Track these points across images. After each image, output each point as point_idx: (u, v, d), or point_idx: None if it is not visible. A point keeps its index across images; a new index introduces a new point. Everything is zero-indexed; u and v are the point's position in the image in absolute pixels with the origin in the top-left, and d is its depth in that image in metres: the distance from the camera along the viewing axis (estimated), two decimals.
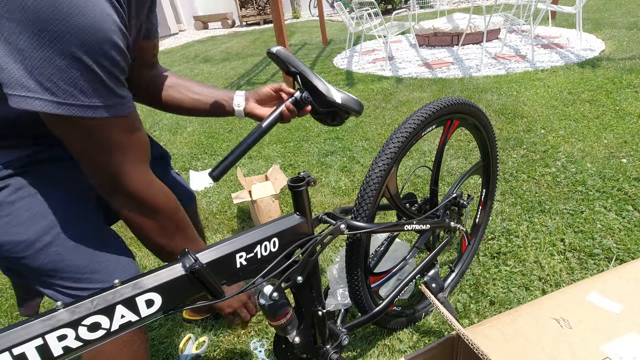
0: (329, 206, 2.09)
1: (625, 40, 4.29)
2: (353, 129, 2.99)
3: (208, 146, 3.10)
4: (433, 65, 4.47)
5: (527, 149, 2.33)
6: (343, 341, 0.95)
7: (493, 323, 0.95)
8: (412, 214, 1.12)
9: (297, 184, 0.76)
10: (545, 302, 1.00)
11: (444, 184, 2.10)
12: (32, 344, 0.48)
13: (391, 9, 9.29)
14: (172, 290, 0.60)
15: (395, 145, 0.96)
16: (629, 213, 1.66)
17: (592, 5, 6.78)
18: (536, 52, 4.35)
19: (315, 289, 0.87)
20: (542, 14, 4.23)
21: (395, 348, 1.24)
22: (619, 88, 2.99)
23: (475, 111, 1.15)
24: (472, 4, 6.67)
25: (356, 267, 1.03)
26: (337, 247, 1.75)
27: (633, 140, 2.23)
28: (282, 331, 0.82)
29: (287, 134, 3.09)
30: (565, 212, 1.74)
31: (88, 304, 0.53)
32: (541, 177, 2.03)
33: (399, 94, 3.65)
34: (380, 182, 0.96)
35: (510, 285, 1.40)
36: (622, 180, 1.88)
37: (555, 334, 0.89)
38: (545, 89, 3.22)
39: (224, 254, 0.66)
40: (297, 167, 2.56)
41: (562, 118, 2.65)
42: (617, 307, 0.93)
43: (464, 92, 3.43)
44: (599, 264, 1.44)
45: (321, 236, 0.80)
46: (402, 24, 5.28)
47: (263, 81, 4.90)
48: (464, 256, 1.46)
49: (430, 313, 1.34)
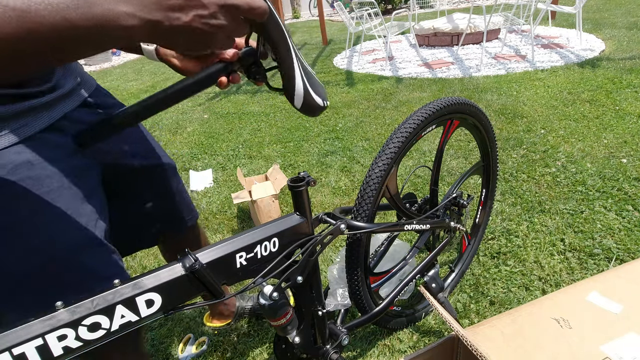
0: (329, 206, 2.09)
1: (625, 40, 4.29)
2: (353, 129, 2.99)
3: (208, 146, 3.10)
4: (433, 65, 4.47)
5: (527, 149, 2.33)
6: (343, 341, 0.95)
7: (493, 323, 0.95)
8: (412, 214, 1.12)
9: (297, 184, 0.76)
10: (545, 302, 1.00)
11: (444, 184, 2.10)
12: (32, 344, 0.48)
13: (391, 9, 9.29)
14: (172, 290, 0.59)
15: (395, 145, 0.96)
16: (629, 213, 1.66)
17: (592, 5, 6.77)
18: (536, 52, 4.35)
19: (315, 289, 0.87)
20: (542, 14, 4.23)
21: (395, 348, 1.24)
22: (619, 88, 2.99)
23: (475, 111, 1.15)
24: (472, 4, 6.67)
25: (356, 267, 1.03)
26: (337, 247, 1.75)
27: (633, 140, 2.23)
28: (282, 331, 0.82)
29: (287, 134, 3.09)
30: (565, 212, 1.74)
31: (88, 304, 0.53)
32: (541, 177, 2.03)
33: (399, 94, 3.65)
34: (380, 182, 0.96)
35: (510, 285, 1.40)
36: (622, 180, 1.88)
37: (555, 334, 0.89)
38: (545, 89, 3.22)
39: (224, 254, 0.66)
40: (297, 167, 2.56)
41: (562, 118, 2.65)
42: (617, 307, 0.93)
43: (463, 92, 3.43)
44: (599, 264, 1.44)
45: (321, 236, 0.80)
46: (402, 24, 5.28)
47: None
48: (464, 256, 1.46)
49: (430, 313, 1.34)
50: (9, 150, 0.59)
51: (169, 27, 0.45)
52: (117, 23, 0.42)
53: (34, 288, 0.64)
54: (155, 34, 0.46)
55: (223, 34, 0.50)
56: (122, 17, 0.42)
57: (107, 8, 0.41)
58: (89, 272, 0.69)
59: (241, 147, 3.01)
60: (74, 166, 0.68)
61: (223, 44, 0.52)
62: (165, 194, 0.96)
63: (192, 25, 0.46)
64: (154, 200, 0.93)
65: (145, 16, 0.43)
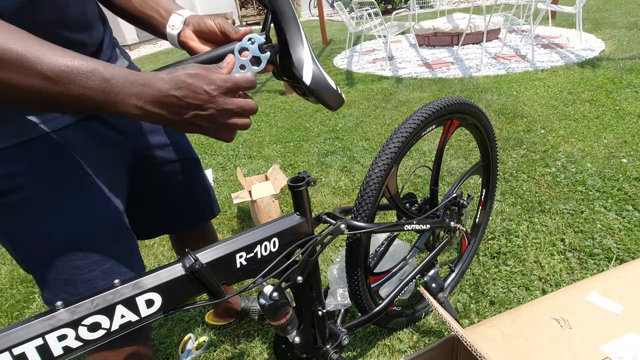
0: (329, 206, 2.09)
1: (625, 40, 4.29)
2: (353, 129, 2.99)
3: (208, 146, 3.10)
4: (433, 65, 4.47)
5: (527, 149, 2.33)
6: (343, 341, 0.95)
7: (493, 323, 0.95)
8: (412, 214, 1.12)
9: (297, 184, 0.76)
10: (545, 302, 1.00)
11: (444, 184, 2.10)
12: (32, 344, 0.48)
13: (391, 9, 9.29)
14: (172, 290, 0.59)
15: (395, 145, 0.96)
16: (629, 213, 1.66)
17: (592, 5, 6.77)
18: (536, 52, 4.35)
19: (315, 289, 0.87)
20: (542, 13, 4.23)
21: (395, 348, 1.24)
22: (619, 88, 2.99)
23: (475, 111, 1.15)
24: (472, 4, 6.67)
25: (356, 267, 1.03)
26: (337, 247, 1.75)
27: (633, 140, 2.23)
28: (282, 331, 0.82)
29: (287, 134, 3.09)
30: (565, 212, 1.74)
31: (88, 304, 0.53)
32: (541, 177, 2.03)
33: (399, 94, 3.65)
34: (380, 182, 0.96)
35: (510, 285, 1.40)
36: (622, 180, 1.88)
37: (555, 334, 0.89)
38: (545, 89, 3.22)
39: (224, 254, 0.66)
40: (297, 167, 2.56)
41: (562, 118, 2.65)
42: (617, 307, 0.93)
43: (463, 92, 3.43)
44: (599, 264, 1.44)
45: (321, 236, 0.80)
46: (402, 24, 5.28)
47: (263, 81, 4.90)
48: (464, 256, 1.46)
49: (430, 313, 1.34)
50: (57, 133, 0.64)
51: (171, 120, 0.53)
52: (126, 111, 0.50)
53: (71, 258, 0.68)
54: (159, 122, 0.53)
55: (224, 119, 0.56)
56: (131, 108, 0.50)
57: (121, 100, 0.49)
58: (114, 253, 0.73)
59: (241, 147, 3.01)
60: (103, 156, 0.72)
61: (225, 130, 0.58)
62: (190, 185, 0.98)
63: (192, 121, 0.54)
64: (180, 191, 0.95)
65: (150, 109, 0.51)
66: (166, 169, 0.90)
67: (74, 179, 0.67)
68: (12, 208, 0.63)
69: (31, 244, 0.66)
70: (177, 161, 0.92)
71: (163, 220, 0.98)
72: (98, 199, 0.70)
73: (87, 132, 0.69)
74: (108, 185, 0.72)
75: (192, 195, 0.99)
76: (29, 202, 0.63)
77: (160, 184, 0.91)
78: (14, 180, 0.61)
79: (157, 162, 0.87)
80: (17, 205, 0.63)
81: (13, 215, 0.63)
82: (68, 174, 0.66)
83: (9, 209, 0.63)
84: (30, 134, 0.61)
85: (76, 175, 0.67)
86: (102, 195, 0.71)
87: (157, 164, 0.88)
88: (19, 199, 0.62)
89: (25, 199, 0.63)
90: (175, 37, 0.70)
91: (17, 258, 0.70)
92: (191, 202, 1.00)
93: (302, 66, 0.63)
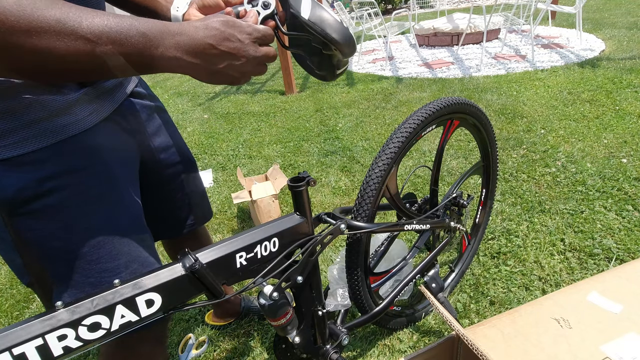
0: (329, 206, 2.09)
1: (625, 40, 4.29)
2: (353, 129, 2.99)
3: (208, 146, 3.10)
4: (433, 65, 4.47)
5: (527, 149, 2.33)
6: (343, 341, 0.95)
7: (493, 323, 0.95)
8: (412, 214, 1.12)
9: (297, 184, 0.76)
10: (545, 302, 1.00)
11: (444, 184, 2.09)
12: (32, 344, 0.48)
13: (391, 9, 9.29)
14: (172, 290, 0.59)
15: (395, 145, 0.96)
16: (629, 213, 1.66)
17: (592, 5, 6.77)
18: (536, 52, 4.35)
19: (315, 289, 0.87)
20: (542, 14, 4.23)
21: (395, 348, 1.24)
22: (619, 88, 2.99)
23: (475, 111, 1.15)
24: (472, 4, 6.67)
25: (356, 267, 1.03)
26: (337, 247, 1.75)
27: (633, 140, 2.23)
28: (282, 331, 0.82)
29: (287, 134, 3.09)
30: (565, 212, 1.74)
31: (88, 304, 0.53)
32: (541, 177, 2.03)
33: (399, 94, 3.65)
34: (380, 182, 0.96)
35: (510, 285, 1.40)
36: (622, 180, 1.88)
37: (555, 334, 0.89)
38: (545, 89, 3.22)
39: (224, 254, 0.66)
40: (297, 167, 2.56)
41: (562, 118, 2.65)
42: (617, 307, 0.93)
43: (464, 92, 3.43)
44: (599, 264, 1.44)
45: (321, 236, 0.80)
46: (402, 24, 5.28)
47: (263, 80, 4.91)
48: (464, 256, 1.46)
49: (430, 313, 1.34)
50: (85, 134, 0.64)
51: (204, 68, 0.53)
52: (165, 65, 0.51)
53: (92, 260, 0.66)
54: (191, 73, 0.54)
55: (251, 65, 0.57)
56: (169, 61, 0.51)
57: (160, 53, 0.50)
58: (140, 254, 0.72)
59: (241, 147, 3.01)
60: (123, 157, 0.72)
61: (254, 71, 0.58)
62: (187, 188, 0.97)
63: (223, 71, 0.55)
64: (177, 194, 0.95)
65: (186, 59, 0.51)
66: (166, 171, 0.90)
67: (102, 182, 0.66)
68: (41, 213, 0.61)
69: (60, 248, 0.64)
70: (177, 164, 0.91)
71: (159, 223, 0.96)
72: (124, 201, 0.70)
73: (109, 133, 0.69)
74: (131, 186, 0.72)
75: (188, 198, 0.98)
76: (59, 206, 0.62)
77: (159, 187, 0.91)
78: (44, 184, 0.60)
79: (159, 164, 0.87)
80: (47, 209, 0.61)
81: (41, 220, 0.61)
82: (97, 176, 0.65)
83: (38, 214, 0.61)
84: (58, 136, 0.60)
85: (104, 177, 0.67)
86: (128, 197, 0.71)
87: (159, 166, 0.88)
88: (49, 203, 0.61)
89: (55, 203, 0.61)
90: (180, 19, 0.71)
91: (26, 267, 0.66)
92: (186, 205, 0.99)
93: (299, 3, 0.61)
